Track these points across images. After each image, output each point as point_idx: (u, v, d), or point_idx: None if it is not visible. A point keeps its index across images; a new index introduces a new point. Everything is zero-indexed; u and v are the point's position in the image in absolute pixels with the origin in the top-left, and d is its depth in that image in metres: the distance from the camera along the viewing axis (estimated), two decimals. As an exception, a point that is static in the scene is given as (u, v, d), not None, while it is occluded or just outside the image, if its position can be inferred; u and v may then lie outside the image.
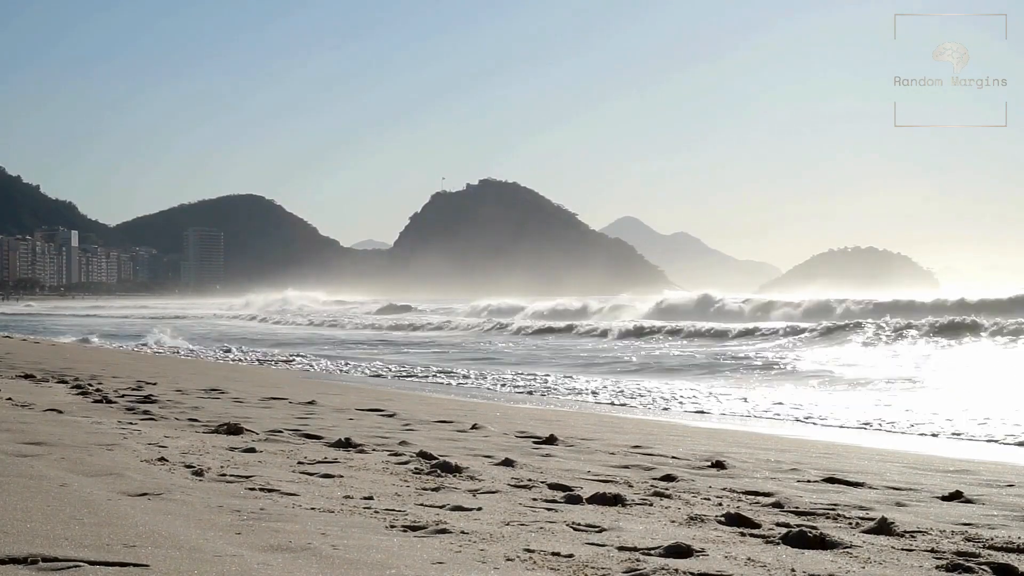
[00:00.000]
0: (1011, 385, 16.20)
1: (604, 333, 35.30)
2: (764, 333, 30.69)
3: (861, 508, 5.08)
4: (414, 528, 4.02)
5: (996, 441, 9.48)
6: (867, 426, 10.73)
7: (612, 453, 7.16)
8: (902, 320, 29.18)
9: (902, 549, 4.06)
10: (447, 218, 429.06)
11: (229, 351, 26.43)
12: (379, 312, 64.60)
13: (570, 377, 17.94)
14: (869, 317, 32.17)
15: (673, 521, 4.53)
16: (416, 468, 5.79)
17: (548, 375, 18.33)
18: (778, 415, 11.93)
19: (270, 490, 4.76)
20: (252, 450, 6.26)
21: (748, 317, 40.06)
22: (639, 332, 34.22)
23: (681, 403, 13.33)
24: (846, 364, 20.63)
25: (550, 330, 38.48)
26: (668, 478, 5.90)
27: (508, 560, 3.53)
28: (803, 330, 30.07)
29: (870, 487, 5.88)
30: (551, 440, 7.64)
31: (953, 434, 9.94)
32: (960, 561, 3.80)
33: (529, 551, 3.67)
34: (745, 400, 13.57)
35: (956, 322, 27.52)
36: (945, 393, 14.34)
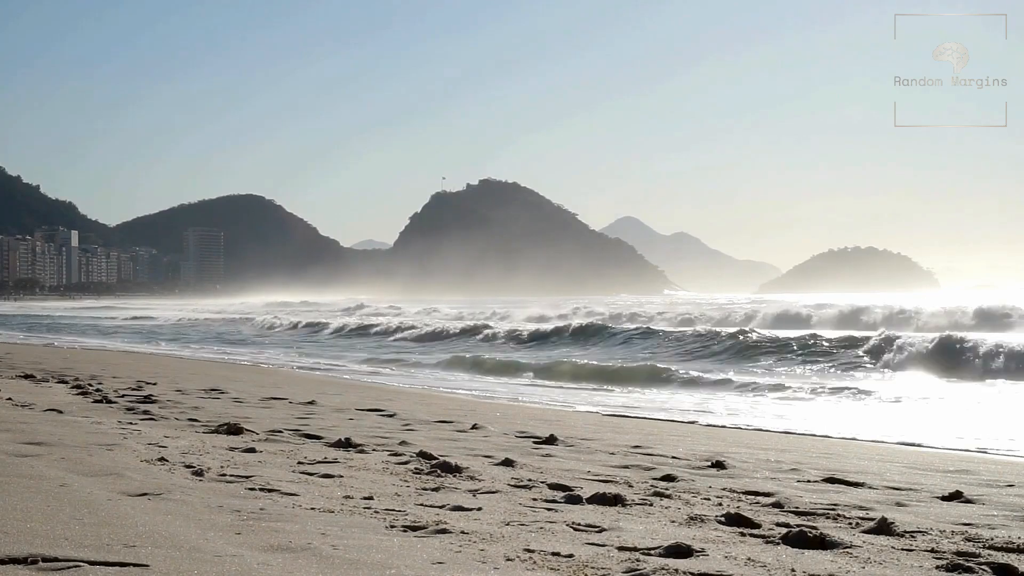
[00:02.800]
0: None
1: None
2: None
3: (861, 508, 5.08)
4: (414, 528, 4.02)
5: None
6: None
7: (612, 453, 7.16)
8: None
9: (902, 549, 4.06)
10: (447, 218, 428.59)
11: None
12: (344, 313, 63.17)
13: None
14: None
15: (673, 521, 4.53)
16: (416, 468, 5.79)
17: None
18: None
19: (270, 490, 4.76)
20: (252, 450, 6.26)
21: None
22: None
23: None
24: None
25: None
26: (668, 478, 5.90)
27: (508, 560, 3.53)
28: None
29: (870, 487, 5.88)
30: (551, 440, 7.64)
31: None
32: (960, 561, 3.80)
33: (529, 551, 3.67)
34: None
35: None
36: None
